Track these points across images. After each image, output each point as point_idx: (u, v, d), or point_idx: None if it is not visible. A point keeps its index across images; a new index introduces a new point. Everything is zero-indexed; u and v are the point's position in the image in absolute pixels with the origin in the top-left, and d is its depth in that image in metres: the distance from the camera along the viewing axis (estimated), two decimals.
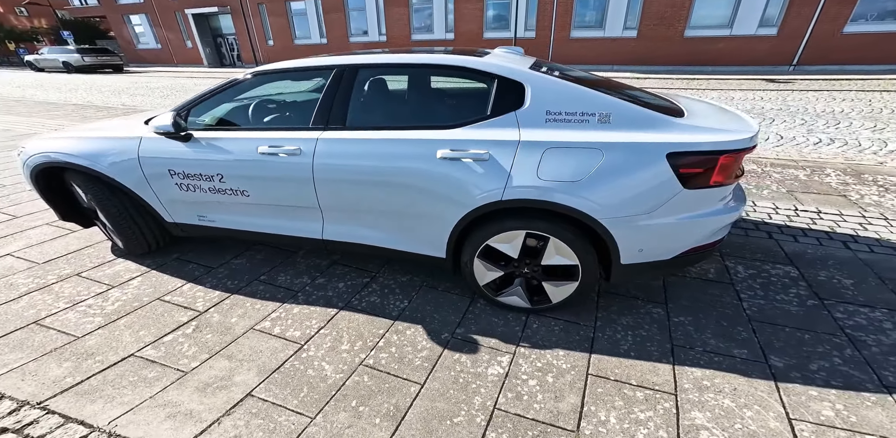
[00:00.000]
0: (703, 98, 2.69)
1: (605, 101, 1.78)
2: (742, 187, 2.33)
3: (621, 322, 2.09)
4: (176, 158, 2.32)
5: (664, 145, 1.67)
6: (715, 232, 1.91)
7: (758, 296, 2.26)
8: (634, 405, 1.64)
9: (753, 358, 1.85)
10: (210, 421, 1.62)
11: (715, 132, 1.74)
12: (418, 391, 1.75)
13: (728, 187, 1.82)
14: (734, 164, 1.73)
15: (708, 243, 1.92)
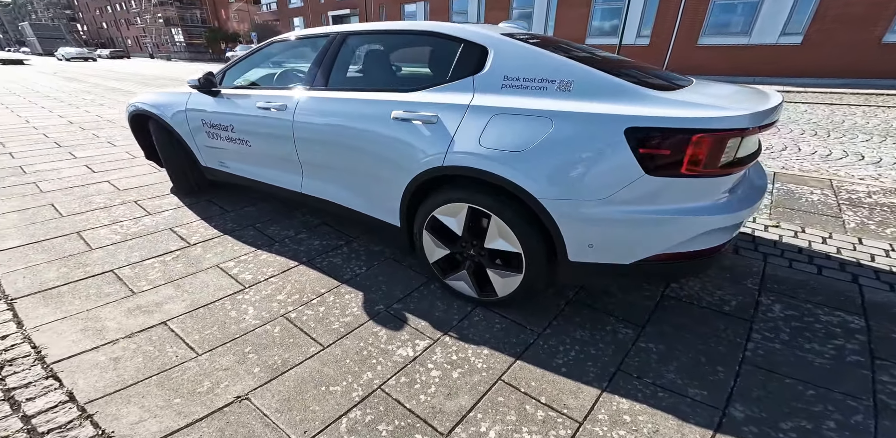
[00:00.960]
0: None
1: (570, 68, 1.50)
2: (758, 183, 1.71)
3: (574, 335, 1.69)
4: (206, 110, 2.64)
5: (623, 118, 1.31)
6: (697, 238, 1.41)
7: (778, 340, 1.67)
8: (527, 424, 1.29)
9: (708, 403, 1.36)
10: (107, 340, 1.66)
11: (695, 107, 1.29)
12: (316, 352, 1.61)
13: (713, 180, 1.34)
14: (715, 148, 1.27)
15: (687, 251, 1.44)
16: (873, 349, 1.62)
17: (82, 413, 1.30)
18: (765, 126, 1.34)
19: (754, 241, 2.46)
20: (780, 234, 2.56)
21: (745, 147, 1.38)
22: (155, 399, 1.37)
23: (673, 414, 1.31)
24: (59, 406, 1.32)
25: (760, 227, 2.65)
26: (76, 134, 5.46)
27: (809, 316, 1.82)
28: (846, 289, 2.02)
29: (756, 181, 1.74)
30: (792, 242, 2.46)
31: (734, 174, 1.38)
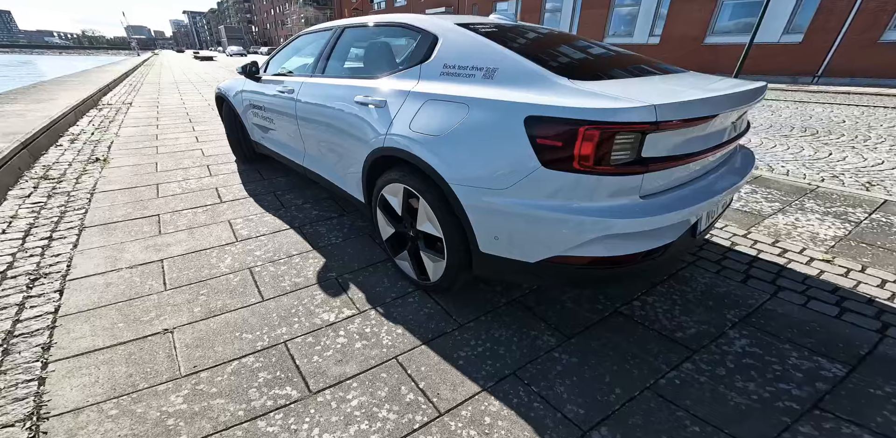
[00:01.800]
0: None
1: (498, 55, 1.45)
2: (719, 185, 1.44)
3: (493, 333, 1.58)
4: (251, 92, 3.02)
5: (524, 106, 1.21)
6: (599, 242, 1.21)
7: (708, 373, 1.36)
8: (392, 403, 1.25)
9: (576, 422, 1.19)
10: (113, 268, 2.04)
11: (598, 98, 1.15)
12: (254, 303, 1.75)
13: (613, 179, 1.15)
14: (605, 143, 1.10)
15: (589, 256, 1.24)
16: (824, 399, 1.24)
17: (52, 324, 1.60)
18: (686, 121, 1.16)
19: (779, 273, 2.00)
20: (824, 269, 2.04)
21: (660, 145, 1.17)
22: (105, 320, 1.63)
23: (532, 426, 1.16)
24: (43, 316, 1.65)
25: (802, 258, 2.14)
26: (207, 113, 6.65)
27: (774, 357, 1.45)
28: (859, 337, 1.56)
29: (721, 180, 1.49)
30: (834, 279, 1.94)
31: (638, 175, 1.17)
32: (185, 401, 1.25)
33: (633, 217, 1.18)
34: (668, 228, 1.25)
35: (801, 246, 2.24)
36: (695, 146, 1.29)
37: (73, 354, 1.44)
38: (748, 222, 2.52)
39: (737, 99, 1.33)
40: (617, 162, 1.13)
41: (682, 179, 1.35)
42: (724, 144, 1.43)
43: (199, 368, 1.38)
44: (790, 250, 2.19)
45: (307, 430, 1.16)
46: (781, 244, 2.25)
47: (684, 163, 1.26)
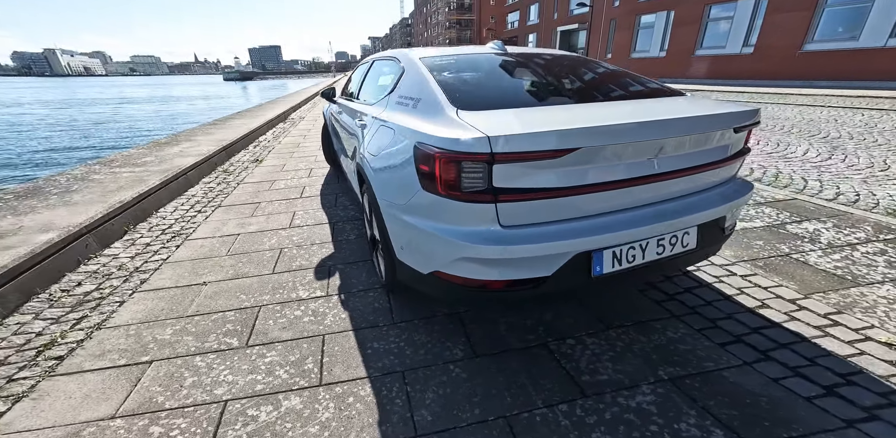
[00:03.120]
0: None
1: (425, 87, 1.60)
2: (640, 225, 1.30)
3: (413, 336, 1.65)
4: (329, 111, 3.82)
5: (415, 134, 1.36)
6: (464, 263, 1.23)
7: (570, 416, 1.16)
8: (294, 367, 1.49)
9: (420, 426, 1.16)
10: (219, 234, 2.82)
11: (457, 128, 1.21)
12: (264, 274, 2.21)
13: (470, 205, 1.18)
14: (450, 170, 1.16)
15: (456, 275, 1.27)
16: None
17: (158, 267, 2.35)
18: (539, 153, 1.12)
19: (787, 345, 1.49)
20: (871, 351, 1.44)
21: (522, 176, 1.15)
22: (183, 270, 2.31)
23: (379, 416, 1.27)
24: (157, 262, 2.42)
25: (852, 335, 1.54)
26: None
27: (664, 419, 1.18)
28: (807, 422, 1.10)
29: (649, 219, 1.32)
30: (868, 362, 1.36)
31: (490, 204, 1.16)
32: (171, 334, 1.72)
33: (487, 244, 1.18)
34: (534, 260, 1.20)
35: (866, 323, 1.61)
36: (586, 179, 1.21)
37: (149, 288, 2.11)
38: (819, 287, 1.90)
39: (630, 131, 1.19)
40: (468, 189, 1.16)
41: (578, 211, 1.26)
42: (647, 178, 1.27)
43: (198, 313, 1.87)
44: (841, 325, 1.60)
45: (221, 370, 1.48)
46: (837, 317, 1.65)
47: (560, 195, 1.19)
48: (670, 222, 1.33)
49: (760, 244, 2.30)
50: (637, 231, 1.28)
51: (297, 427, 1.22)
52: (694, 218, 1.37)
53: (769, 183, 3.47)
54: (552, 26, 28.32)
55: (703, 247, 1.49)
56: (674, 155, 1.32)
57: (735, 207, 1.50)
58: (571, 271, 1.26)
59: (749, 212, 2.78)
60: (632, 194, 1.31)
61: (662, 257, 1.38)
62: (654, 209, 1.36)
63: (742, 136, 1.51)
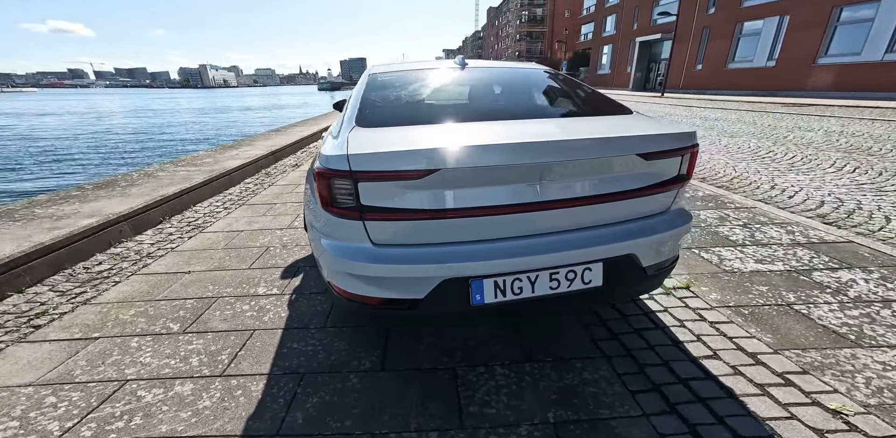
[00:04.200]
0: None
1: (351, 105, 1.69)
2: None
3: (334, 342, 1.71)
4: None
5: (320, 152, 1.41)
6: (343, 277, 1.29)
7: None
8: (209, 356, 1.65)
9: (288, 426, 1.21)
10: (221, 230, 3.14)
11: (338, 145, 1.28)
12: (240, 268, 2.46)
13: (343, 221, 1.25)
14: (323, 185, 1.23)
15: (342, 289, 1.34)
16: None
17: (164, 254, 2.74)
18: (399, 173, 1.15)
19: (707, 399, 1.27)
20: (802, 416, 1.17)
21: (393, 195, 1.18)
22: (181, 259, 2.67)
23: (256, 409, 1.37)
24: (166, 249, 2.83)
25: (790, 396, 1.27)
26: None
27: None
28: None
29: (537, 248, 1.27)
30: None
31: (358, 221, 1.21)
32: (132, 315, 1.97)
33: (357, 261, 1.23)
34: (403, 281, 1.23)
35: (827, 387, 1.32)
36: (456, 202, 1.20)
37: (145, 272, 2.48)
38: (801, 343, 1.62)
39: (497, 153, 1.16)
40: (341, 206, 1.22)
41: (450, 235, 1.25)
42: (528, 205, 1.22)
43: (165, 298, 2.14)
44: (794, 385, 1.34)
45: (146, 351, 1.68)
46: (796, 377, 1.39)
47: (427, 217, 1.19)
48: (556, 255, 1.24)
49: (761, 291, 1.99)
50: (514, 262, 1.21)
51: (171, 411, 1.35)
52: (587, 253, 1.26)
53: (834, 221, 2.96)
54: (631, 37, 27.04)
55: (616, 286, 1.36)
56: (562, 182, 1.23)
57: (647, 245, 1.34)
58: (446, 297, 1.24)
59: (775, 252, 2.41)
60: (514, 222, 1.25)
61: (558, 292, 1.29)
62: (542, 240, 1.27)
63: (670, 162, 1.36)
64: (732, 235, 2.70)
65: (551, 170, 1.21)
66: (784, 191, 3.80)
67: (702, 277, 2.15)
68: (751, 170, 4.67)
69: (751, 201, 3.38)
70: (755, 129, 7.96)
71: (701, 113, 11.54)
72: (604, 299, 1.47)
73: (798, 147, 5.90)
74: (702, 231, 2.79)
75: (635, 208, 1.37)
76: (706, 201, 3.45)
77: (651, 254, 1.37)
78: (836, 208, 3.23)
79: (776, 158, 5.22)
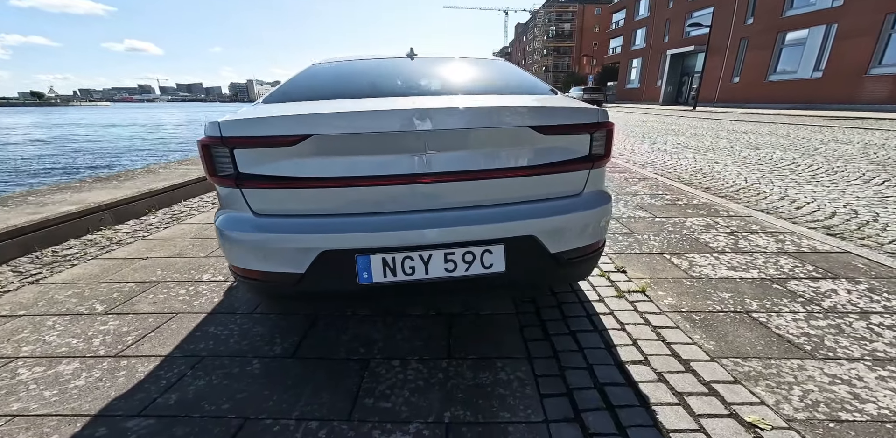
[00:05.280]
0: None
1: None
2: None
3: (255, 327, 1.70)
4: None
5: None
6: (229, 249, 1.30)
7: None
8: (115, 337, 1.68)
9: (179, 406, 1.19)
10: (199, 222, 3.24)
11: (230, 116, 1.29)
12: (199, 256, 2.52)
13: (224, 190, 1.28)
14: (207, 153, 1.24)
15: (231, 263, 1.35)
16: None
17: (141, 238, 2.86)
18: (268, 138, 1.16)
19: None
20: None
21: (269, 163, 1.19)
22: (152, 244, 2.75)
23: (146, 387, 1.35)
24: (140, 237, 2.95)
25: (706, 406, 1.13)
26: None
27: None
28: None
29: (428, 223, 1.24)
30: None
31: (236, 188, 1.22)
32: (67, 295, 2.05)
33: (237, 230, 1.24)
34: (281, 253, 1.22)
35: (754, 399, 1.18)
36: (336, 170, 1.19)
37: (105, 257, 2.58)
38: (744, 352, 1.48)
39: (372, 119, 1.16)
40: (220, 173, 1.23)
41: (331, 206, 1.24)
42: (415, 177, 1.21)
43: (109, 281, 2.20)
44: (716, 395, 1.20)
45: (58, 330, 1.72)
46: (721, 387, 1.25)
47: (303, 186, 1.19)
48: (445, 231, 1.19)
49: (722, 298, 1.84)
50: (398, 235, 1.18)
51: (37, 389, 1.34)
52: (482, 230, 1.21)
53: (840, 232, 2.73)
54: (661, 50, 26.75)
55: (522, 273, 1.30)
56: (452, 153, 1.21)
57: (550, 227, 1.27)
58: (330, 273, 1.22)
59: (754, 261, 2.24)
60: (401, 194, 1.23)
61: (455, 276, 1.24)
62: (433, 216, 1.23)
63: (574, 139, 1.30)
64: (713, 242, 2.53)
65: (436, 140, 1.18)
66: (793, 202, 3.55)
67: (662, 281, 2.01)
68: (764, 181, 4.41)
69: (748, 211, 3.17)
70: (785, 141, 7.57)
71: (730, 126, 11.13)
72: (512, 286, 1.39)
73: (826, 159, 5.54)
74: (680, 237, 2.62)
75: (540, 188, 1.32)
76: (697, 208, 3.27)
77: (557, 238, 1.29)
78: (846, 220, 2.98)
79: (797, 170, 4.92)
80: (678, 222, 2.92)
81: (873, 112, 12.39)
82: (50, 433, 1.15)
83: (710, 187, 4.26)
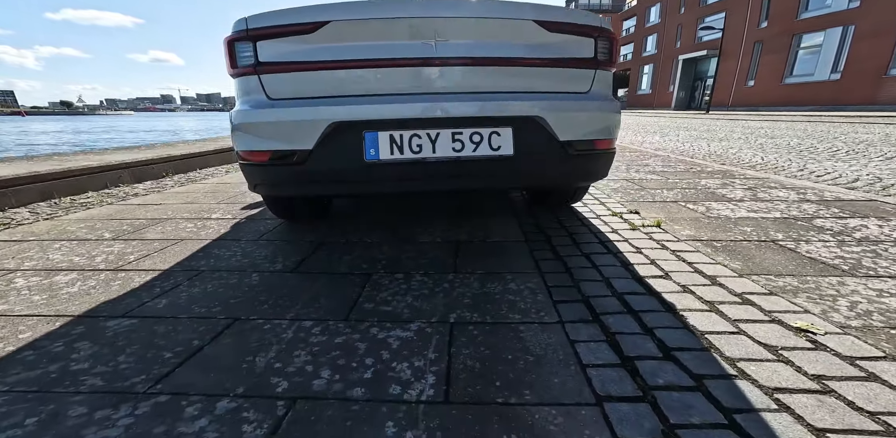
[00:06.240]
0: None
1: None
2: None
3: (257, 252, 1.65)
4: None
5: None
6: (240, 135, 1.39)
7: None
8: (99, 258, 1.63)
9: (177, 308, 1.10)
10: (216, 182, 3.23)
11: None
12: (200, 200, 2.50)
13: (243, 79, 1.35)
14: (231, 48, 1.34)
15: (238, 149, 1.42)
16: None
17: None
18: (288, 26, 1.25)
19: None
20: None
21: (288, 52, 1.28)
22: (160, 197, 2.73)
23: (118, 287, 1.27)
24: (157, 190, 2.94)
25: (743, 313, 1.01)
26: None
27: (392, 354, 0.84)
28: (558, 373, 0.68)
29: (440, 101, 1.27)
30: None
31: (254, 76, 1.29)
32: (80, 227, 2.04)
33: (250, 113, 1.29)
34: (292, 127, 1.25)
35: (796, 308, 1.06)
36: (350, 55, 1.25)
37: (120, 204, 2.57)
38: (775, 270, 1.35)
39: (387, 6, 1.21)
40: (241, 64, 1.30)
41: (347, 89, 1.27)
42: (424, 60, 1.26)
43: (120, 218, 2.19)
44: (752, 304, 1.08)
45: (60, 250, 1.70)
46: (758, 298, 1.13)
47: (320, 68, 1.24)
48: (454, 104, 1.22)
49: (744, 231, 1.71)
50: (408, 108, 1.21)
51: (27, 294, 1.27)
52: (489, 107, 1.23)
53: (863, 187, 2.57)
54: (673, 55, 26.41)
55: (530, 159, 1.30)
56: (460, 41, 1.25)
57: (557, 110, 1.29)
58: (337, 149, 1.24)
59: (776, 206, 2.10)
60: (411, 76, 1.25)
61: (463, 156, 1.25)
62: (441, 96, 1.27)
63: (578, 41, 1.34)
64: (730, 194, 2.39)
65: (446, 27, 1.22)
66: (813, 172, 3.37)
67: (678, 219, 1.89)
68: (781, 160, 4.22)
69: (765, 174, 3.02)
70: (803, 133, 7.31)
71: (744, 124, 10.85)
72: (521, 174, 1.37)
73: (846, 144, 5.31)
74: (695, 192, 2.49)
75: (547, 81, 1.34)
76: (712, 174, 3.13)
77: (565, 124, 1.30)
78: (870, 183, 2.80)
79: (816, 152, 4.71)
80: (692, 183, 2.79)
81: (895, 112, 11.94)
82: (24, 330, 1.08)
83: (724, 162, 4.10)
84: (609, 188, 2.67)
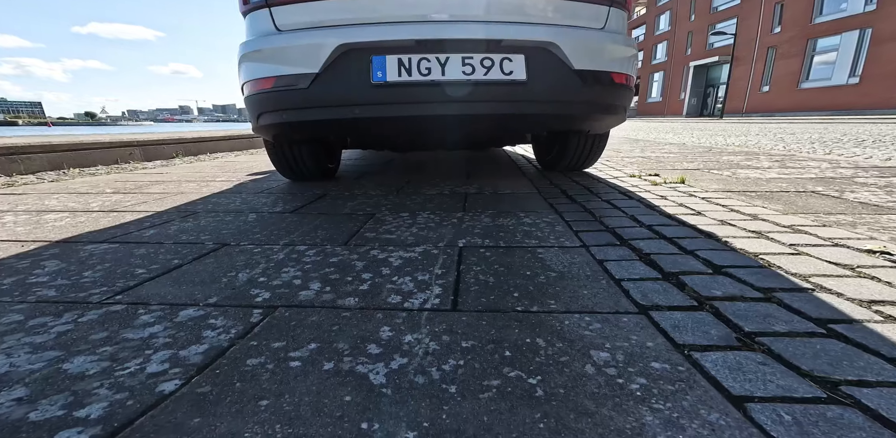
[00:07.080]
0: None
1: None
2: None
3: (264, 200, 1.58)
4: None
5: None
6: (249, 63, 1.42)
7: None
8: (130, 202, 1.55)
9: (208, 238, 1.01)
10: (224, 162, 3.19)
11: None
12: (206, 171, 2.44)
13: (255, 12, 1.36)
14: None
15: (245, 78, 1.44)
16: None
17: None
18: None
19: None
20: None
21: None
22: (167, 169, 2.69)
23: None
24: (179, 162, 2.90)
25: (799, 239, 0.86)
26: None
27: (394, 270, 0.72)
28: (587, 285, 0.53)
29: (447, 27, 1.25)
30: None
31: (265, 9, 1.29)
32: (83, 187, 1.99)
33: (258, 41, 1.31)
34: (299, 52, 1.24)
35: (860, 235, 0.91)
36: None
37: (126, 170, 2.52)
38: (821, 209, 1.21)
39: None
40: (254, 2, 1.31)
41: (356, 17, 1.24)
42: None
43: (124, 181, 2.14)
44: (805, 233, 0.94)
45: (56, 200, 1.64)
46: (811, 228, 0.99)
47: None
48: (464, 26, 1.18)
49: (779, 185, 1.57)
50: (413, 28, 1.16)
51: (13, 227, 1.22)
52: (500, 30, 1.19)
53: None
54: (684, 62, 26.17)
55: (542, 85, 1.23)
56: None
57: (571, 38, 1.24)
58: (344, 72, 1.20)
59: (808, 170, 1.94)
60: (421, 5, 1.21)
61: (472, 78, 1.17)
62: (451, 24, 1.22)
63: None
64: (757, 164, 2.24)
65: None
66: (841, 154, 3.19)
67: (704, 180, 1.75)
68: (805, 148, 4.02)
69: (791, 152, 2.85)
70: (823, 130, 7.06)
71: (759, 126, 10.58)
72: (535, 101, 1.28)
73: (871, 135, 5.08)
74: (719, 164, 2.35)
75: (560, 14, 1.29)
76: (734, 152, 2.97)
77: (579, 53, 1.24)
78: None
79: (841, 142, 4.49)
80: (714, 158, 2.64)
81: None
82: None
83: (744, 149, 3.92)
84: (624, 162, 2.53)
